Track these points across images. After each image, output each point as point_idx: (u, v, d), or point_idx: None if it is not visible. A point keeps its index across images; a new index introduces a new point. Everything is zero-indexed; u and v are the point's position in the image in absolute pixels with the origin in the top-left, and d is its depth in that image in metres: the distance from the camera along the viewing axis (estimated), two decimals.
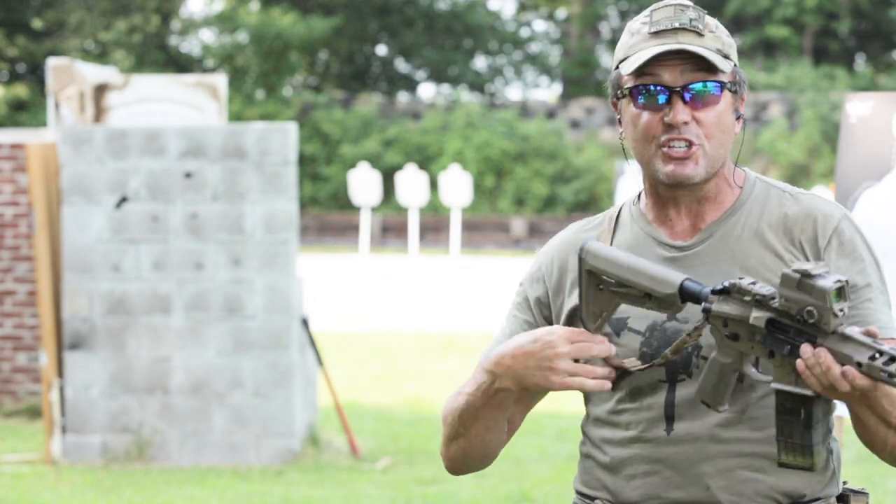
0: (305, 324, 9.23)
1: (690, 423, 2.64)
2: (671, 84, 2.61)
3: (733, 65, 2.65)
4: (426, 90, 44.09)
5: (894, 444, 2.56)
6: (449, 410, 2.73)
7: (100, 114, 10.26)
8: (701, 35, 2.63)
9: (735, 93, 2.66)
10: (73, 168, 9.00)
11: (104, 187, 9.00)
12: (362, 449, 9.50)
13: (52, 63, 10.94)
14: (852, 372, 2.38)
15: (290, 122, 12.72)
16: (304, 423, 9.21)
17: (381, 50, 42.70)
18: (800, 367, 2.42)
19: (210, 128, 9.24)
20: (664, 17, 2.64)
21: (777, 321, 2.45)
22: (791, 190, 2.73)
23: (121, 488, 8.39)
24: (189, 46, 42.29)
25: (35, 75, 38.41)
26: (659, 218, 2.73)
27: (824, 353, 2.40)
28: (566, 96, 40.99)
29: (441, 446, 2.79)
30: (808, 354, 2.41)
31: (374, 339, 15.83)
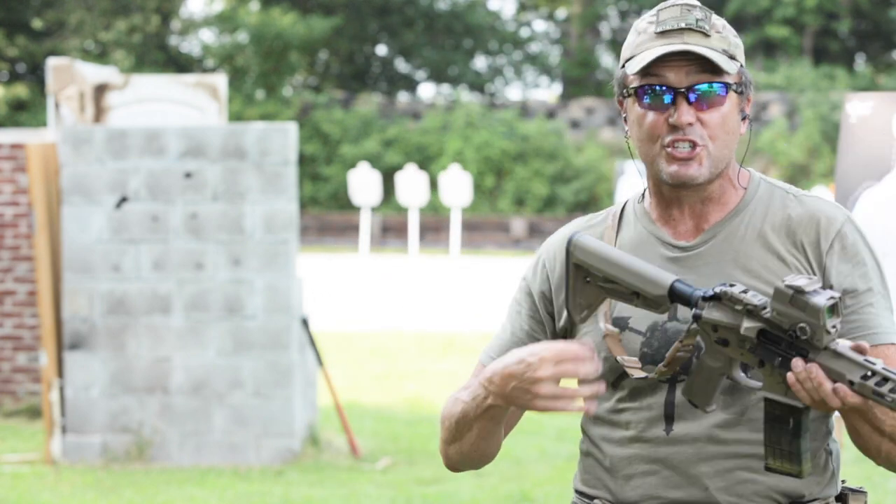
0: (305, 324, 9.22)
1: (690, 424, 2.64)
2: (676, 85, 2.61)
3: (739, 65, 2.64)
4: (426, 90, 44.14)
5: (888, 450, 2.56)
6: (446, 415, 2.73)
7: (100, 114, 10.26)
8: (707, 35, 2.62)
9: (741, 94, 2.65)
10: (73, 168, 9.00)
11: (104, 187, 9.00)
12: (362, 449, 9.49)
13: (52, 63, 10.93)
14: (844, 390, 2.38)
15: (290, 122, 12.72)
16: (304, 423, 9.21)
17: (381, 50, 42.69)
18: (790, 380, 2.42)
19: (210, 128, 9.24)
20: (671, 17, 2.63)
21: (768, 332, 2.45)
22: (795, 191, 2.72)
23: (121, 488, 8.38)
24: (189, 46, 42.29)
25: (35, 75, 38.41)
26: (662, 217, 2.72)
27: (816, 369, 2.39)
28: (566, 96, 40.99)
29: (440, 444, 2.80)
30: (799, 369, 2.40)
31: (374, 339, 15.82)
